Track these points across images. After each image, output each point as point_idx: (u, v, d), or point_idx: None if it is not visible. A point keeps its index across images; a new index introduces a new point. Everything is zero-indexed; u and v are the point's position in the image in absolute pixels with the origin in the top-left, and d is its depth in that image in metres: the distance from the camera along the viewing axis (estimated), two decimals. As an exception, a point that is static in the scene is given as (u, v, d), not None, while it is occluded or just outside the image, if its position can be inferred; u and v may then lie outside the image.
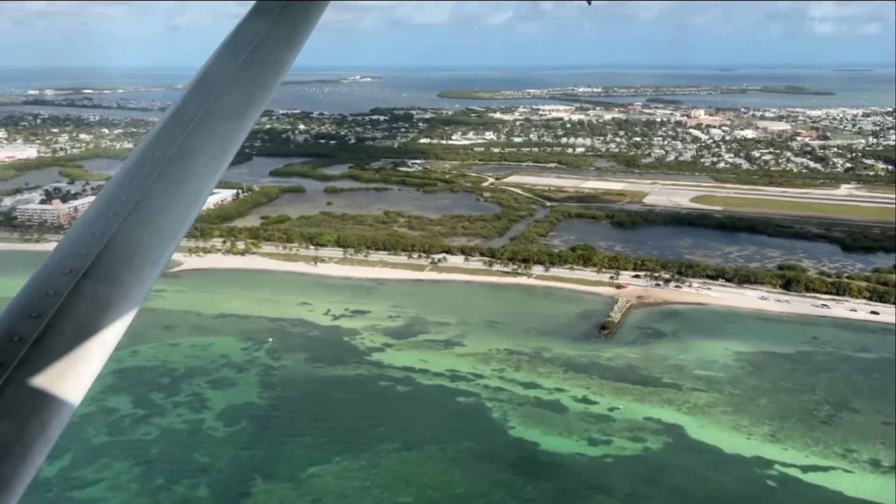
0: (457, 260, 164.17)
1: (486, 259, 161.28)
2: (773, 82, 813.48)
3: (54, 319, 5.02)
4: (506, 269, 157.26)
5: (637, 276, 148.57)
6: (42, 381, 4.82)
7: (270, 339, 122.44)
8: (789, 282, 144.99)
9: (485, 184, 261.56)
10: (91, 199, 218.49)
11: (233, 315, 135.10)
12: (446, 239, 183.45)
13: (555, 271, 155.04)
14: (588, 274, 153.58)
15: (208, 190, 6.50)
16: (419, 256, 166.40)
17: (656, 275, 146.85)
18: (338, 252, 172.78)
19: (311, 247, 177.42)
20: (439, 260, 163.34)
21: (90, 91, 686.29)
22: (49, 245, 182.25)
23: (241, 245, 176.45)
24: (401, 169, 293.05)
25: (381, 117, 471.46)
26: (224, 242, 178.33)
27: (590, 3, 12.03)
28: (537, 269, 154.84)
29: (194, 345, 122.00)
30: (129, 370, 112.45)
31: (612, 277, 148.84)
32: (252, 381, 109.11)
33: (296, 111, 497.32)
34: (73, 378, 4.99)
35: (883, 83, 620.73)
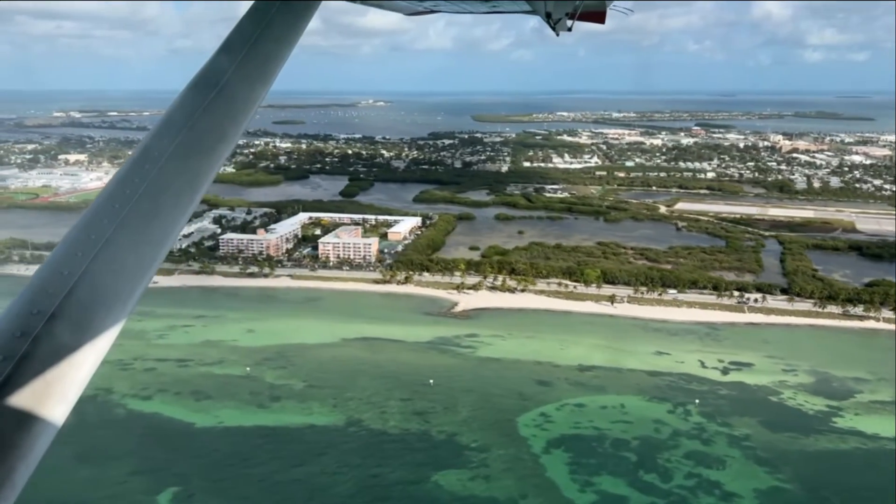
0: (767, 298, 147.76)
1: (814, 299, 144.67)
2: (774, 108, 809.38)
3: (22, 361, 4.89)
4: (835, 311, 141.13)
5: None
6: (10, 423, 4.72)
7: (697, 401, 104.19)
8: None
9: (661, 210, 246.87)
10: (283, 230, 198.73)
11: (598, 367, 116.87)
12: (712, 273, 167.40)
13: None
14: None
15: (180, 226, 6.21)
16: (730, 295, 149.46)
17: None
18: (614, 289, 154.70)
19: (569, 282, 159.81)
20: (756, 300, 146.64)
21: (115, 113, 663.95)
22: (275, 281, 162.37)
23: (501, 280, 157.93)
24: (547, 195, 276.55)
25: (448, 141, 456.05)
26: (485, 278, 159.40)
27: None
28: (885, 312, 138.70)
29: (605, 406, 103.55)
30: (568, 438, 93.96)
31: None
32: (735, 455, 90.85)
33: (357, 136, 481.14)
34: (43, 421, 4.86)
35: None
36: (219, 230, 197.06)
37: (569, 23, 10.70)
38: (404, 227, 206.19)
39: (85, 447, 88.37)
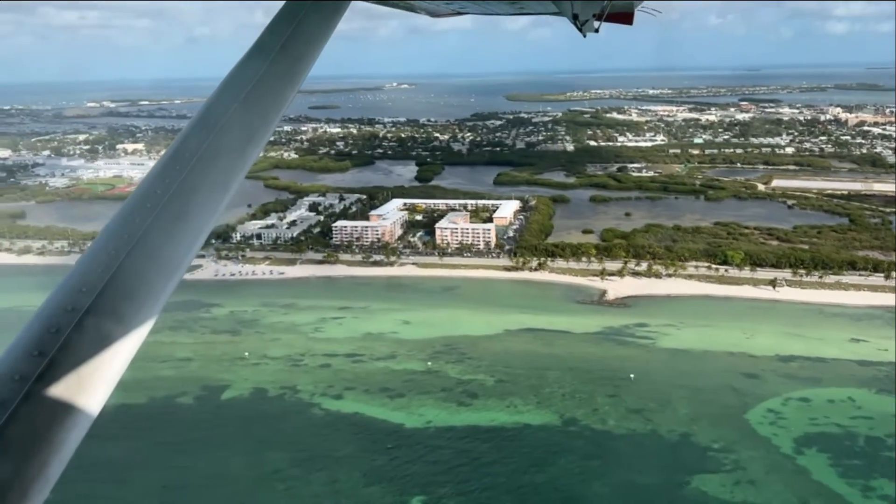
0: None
1: None
2: (808, 81, 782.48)
3: (57, 357, 4.95)
4: None
5: None
6: (45, 419, 4.78)
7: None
8: None
9: (760, 188, 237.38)
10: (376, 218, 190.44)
11: (799, 357, 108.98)
12: (855, 253, 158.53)
13: None
14: None
15: (210, 225, 6.29)
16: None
17: None
18: (768, 272, 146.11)
19: (715, 265, 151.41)
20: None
21: (146, 102, 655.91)
22: (401, 270, 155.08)
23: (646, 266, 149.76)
24: (634, 175, 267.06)
25: (498, 122, 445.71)
26: (626, 264, 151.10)
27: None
28: None
29: (832, 400, 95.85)
30: (814, 437, 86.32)
31: None
32: None
33: (401, 119, 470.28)
34: (75, 416, 4.92)
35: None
36: (321, 217, 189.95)
37: (596, 24, 10.34)
38: (508, 212, 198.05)
39: (304, 450, 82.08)
